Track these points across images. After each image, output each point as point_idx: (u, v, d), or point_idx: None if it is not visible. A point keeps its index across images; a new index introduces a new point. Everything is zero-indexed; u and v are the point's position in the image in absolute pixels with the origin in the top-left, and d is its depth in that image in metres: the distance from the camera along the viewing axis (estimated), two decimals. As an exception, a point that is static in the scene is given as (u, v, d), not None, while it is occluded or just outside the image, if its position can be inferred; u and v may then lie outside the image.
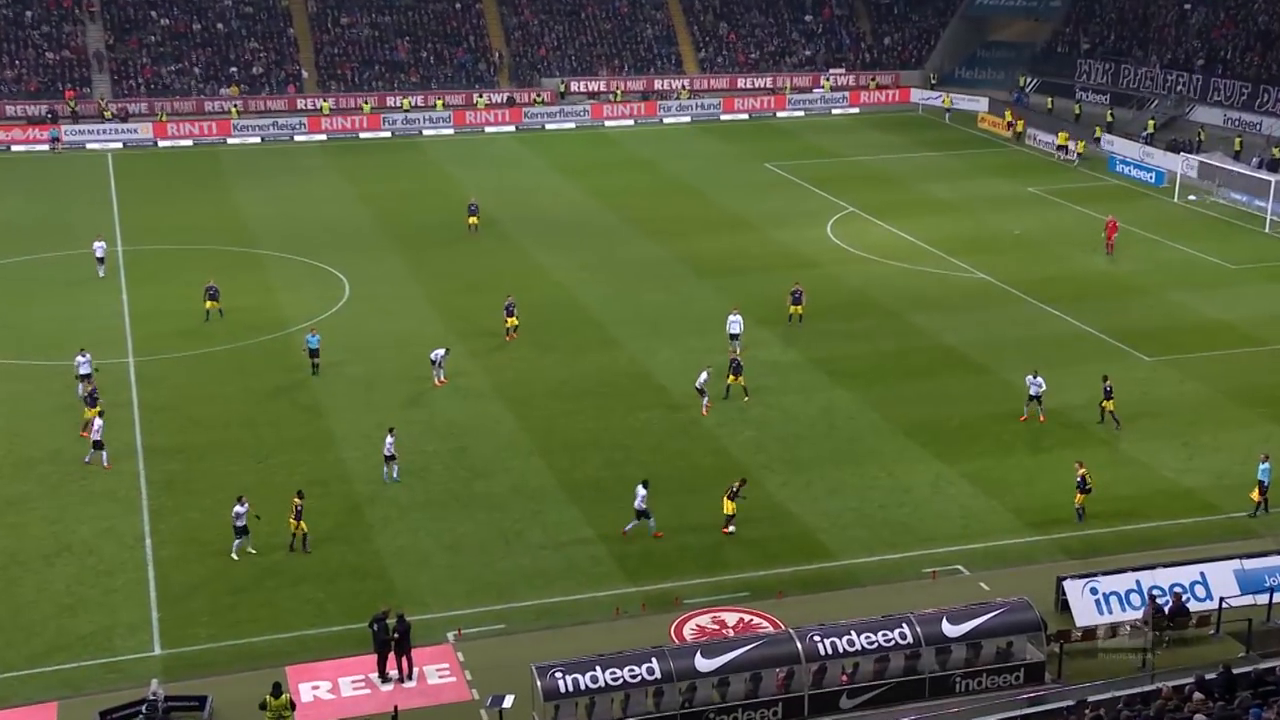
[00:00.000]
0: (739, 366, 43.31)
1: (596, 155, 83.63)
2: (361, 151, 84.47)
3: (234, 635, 30.85)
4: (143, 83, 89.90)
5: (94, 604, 31.88)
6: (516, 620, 31.58)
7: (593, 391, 45.19)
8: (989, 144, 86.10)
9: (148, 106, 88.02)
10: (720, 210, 69.40)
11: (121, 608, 31.78)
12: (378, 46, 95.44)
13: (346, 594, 32.55)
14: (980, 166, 79.41)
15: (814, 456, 40.16)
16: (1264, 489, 36.19)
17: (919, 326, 51.46)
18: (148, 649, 30.22)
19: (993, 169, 78.57)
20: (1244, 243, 63.07)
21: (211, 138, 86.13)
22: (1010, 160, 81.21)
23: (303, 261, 59.96)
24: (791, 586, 33.03)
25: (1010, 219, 67.27)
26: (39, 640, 30.28)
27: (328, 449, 40.38)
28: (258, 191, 73.30)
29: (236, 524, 33.77)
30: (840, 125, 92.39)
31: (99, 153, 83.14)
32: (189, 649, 30.30)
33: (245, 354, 48.47)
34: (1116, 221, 61.87)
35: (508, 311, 50.46)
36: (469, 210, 65.14)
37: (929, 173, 77.69)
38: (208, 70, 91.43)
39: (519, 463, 39.80)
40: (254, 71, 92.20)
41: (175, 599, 32.25)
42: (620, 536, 35.09)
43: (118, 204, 70.51)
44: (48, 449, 40.10)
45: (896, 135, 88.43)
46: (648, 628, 30.76)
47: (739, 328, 48.68)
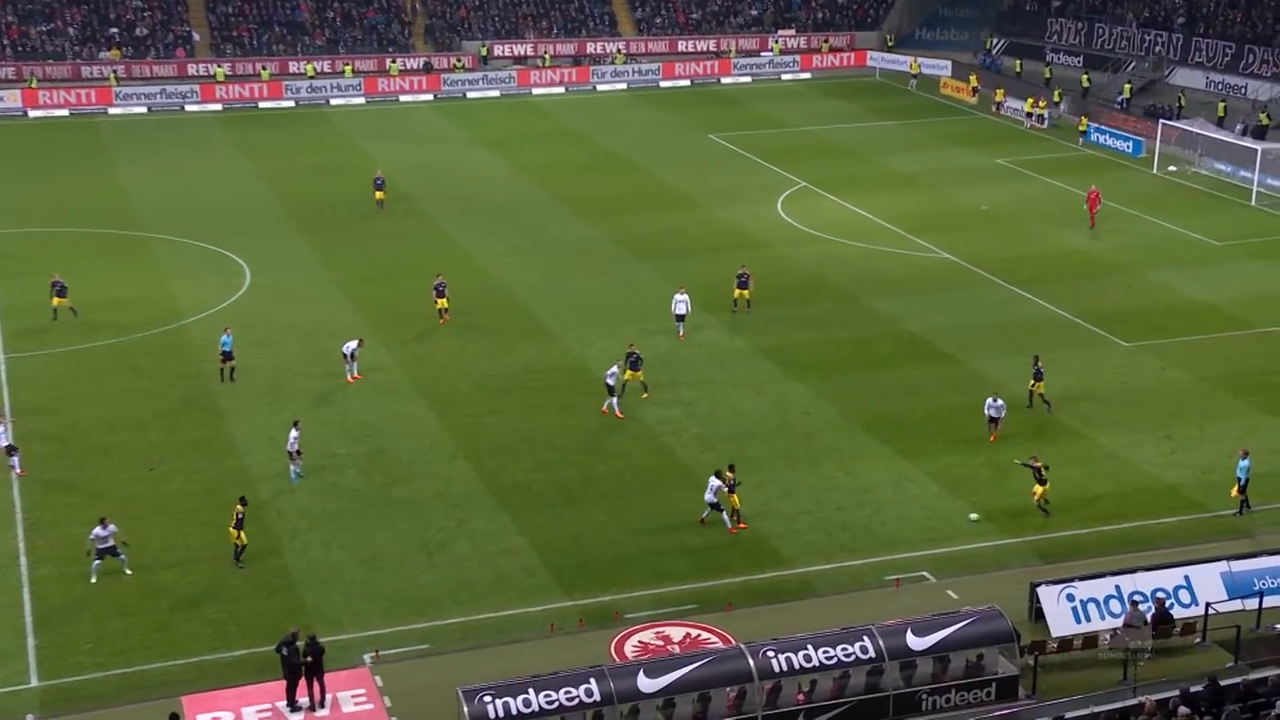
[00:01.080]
0: (638, 360, 43.07)
1: (524, 127, 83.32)
2: (261, 123, 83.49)
3: (123, 663, 30.36)
4: (9, 45, 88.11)
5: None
6: (441, 639, 31.39)
7: (522, 387, 45.05)
8: (953, 111, 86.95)
9: (15, 71, 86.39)
10: (660, 186, 69.42)
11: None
12: (278, 6, 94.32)
13: (250, 614, 32.19)
14: (943, 136, 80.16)
15: (765, 455, 40.32)
16: (1243, 487, 36.74)
17: (879, 312, 51.82)
18: (23, 680, 29.68)
19: (957, 139, 79.34)
20: (1228, 217, 64.23)
21: (90, 107, 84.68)
22: (976, 129, 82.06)
23: (197, 246, 59.16)
24: (742, 598, 33.13)
25: (977, 193, 67.96)
26: (-100, 673, 29.68)
27: (228, 454, 39.90)
28: (144, 168, 72.20)
29: (100, 546, 33.04)
30: (791, 92, 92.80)
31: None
32: (71, 679, 29.79)
33: (133, 349, 47.74)
34: (1099, 192, 62.67)
35: (437, 292, 50.21)
36: (375, 184, 64.72)
37: (888, 143, 78.27)
38: (84, 31, 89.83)
39: (442, 466, 39.58)
40: (138, 33, 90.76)
41: (55, 623, 31.70)
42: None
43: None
44: (-92, 458, 39.26)
45: (852, 103, 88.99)
46: (586, 645, 30.69)
47: (685, 308, 48.90)
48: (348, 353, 44.85)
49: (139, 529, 35.68)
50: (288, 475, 38.23)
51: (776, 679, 28.00)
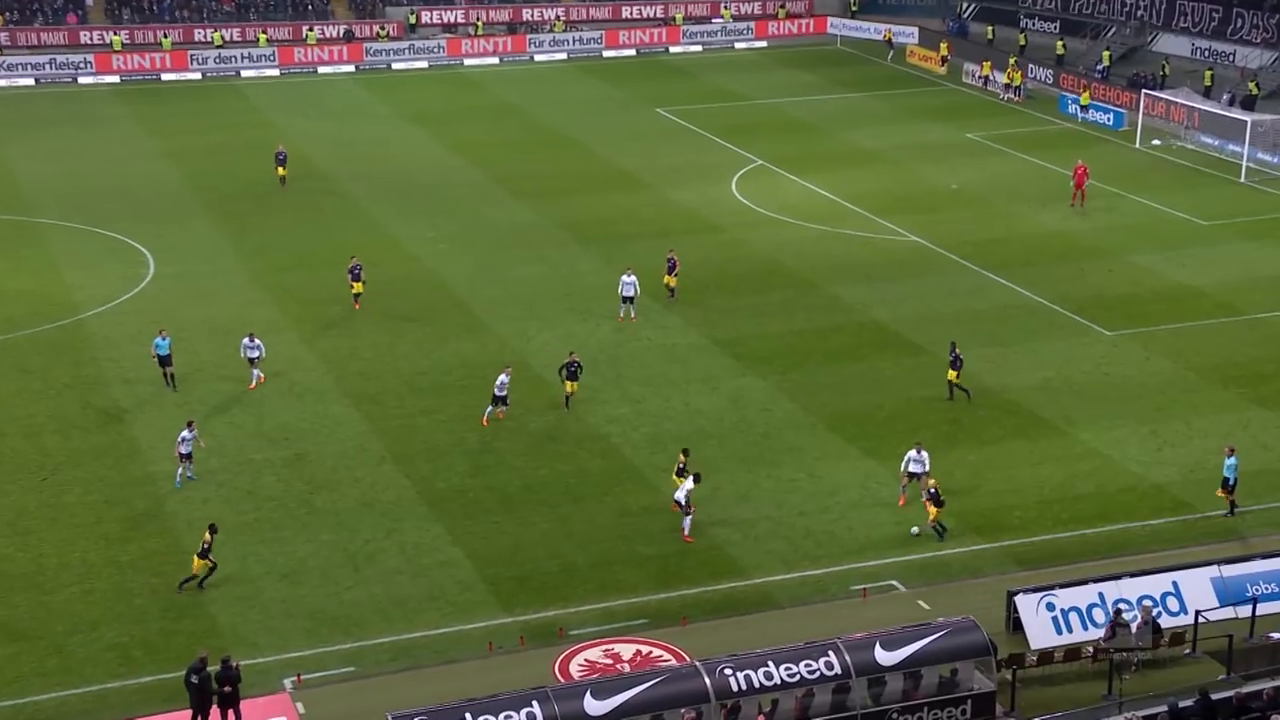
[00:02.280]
0: (577, 370, 42.69)
1: (455, 101, 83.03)
2: (164, 97, 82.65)
3: (13, 693, 29.96)
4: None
5: None
6: (369, 661, 31.27)
7: (456, 385, 44.92)
8: (920, 82, 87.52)
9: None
10: (605, 165, 69.41)
11: None
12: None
13: (157, 636, 31.90)
14: (910, 109, 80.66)
15: (721, 456, 40.42)
16: (1229, 487, 37.15)
17: (842, 300, 52.08)
18: (-94, 714, 29.30)
19: (925, 112, 79.88)
20: (1216, 194, 65.08)
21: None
22: (945, 101, 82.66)
23: (94, 232, 58.49)
24: (697, 611, 33.21)
25: (947, 171, 68.46)
26: None
27: (131, 461, 39.51)
28: (32, 146, 71.28)
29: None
30: (745, 62, 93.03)
31: None
32: (-41, 712, 29.44)
33: (23, 346, 47.14)
34: (1086, 167, 63.21)
35: (353, 275, 50.00)
36: (276, 159, 64.42)
37: (850, 118, 78.65)
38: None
39: (368, 472, 39.41)
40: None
41: (-60, 651, 31.29)
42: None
43: None
44: None
45: (811, 73, 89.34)
46: (527, 665, 30.68)
47: (634, 290, 49.12)
48: (250, 353, 44.01)
49: (31, 545, 35.26)
50: (175, 479, 37.77)
51: (735, 698, 28.05)
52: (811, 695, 28.50)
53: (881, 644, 29.13)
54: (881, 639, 29.27)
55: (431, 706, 27.09)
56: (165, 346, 43.65)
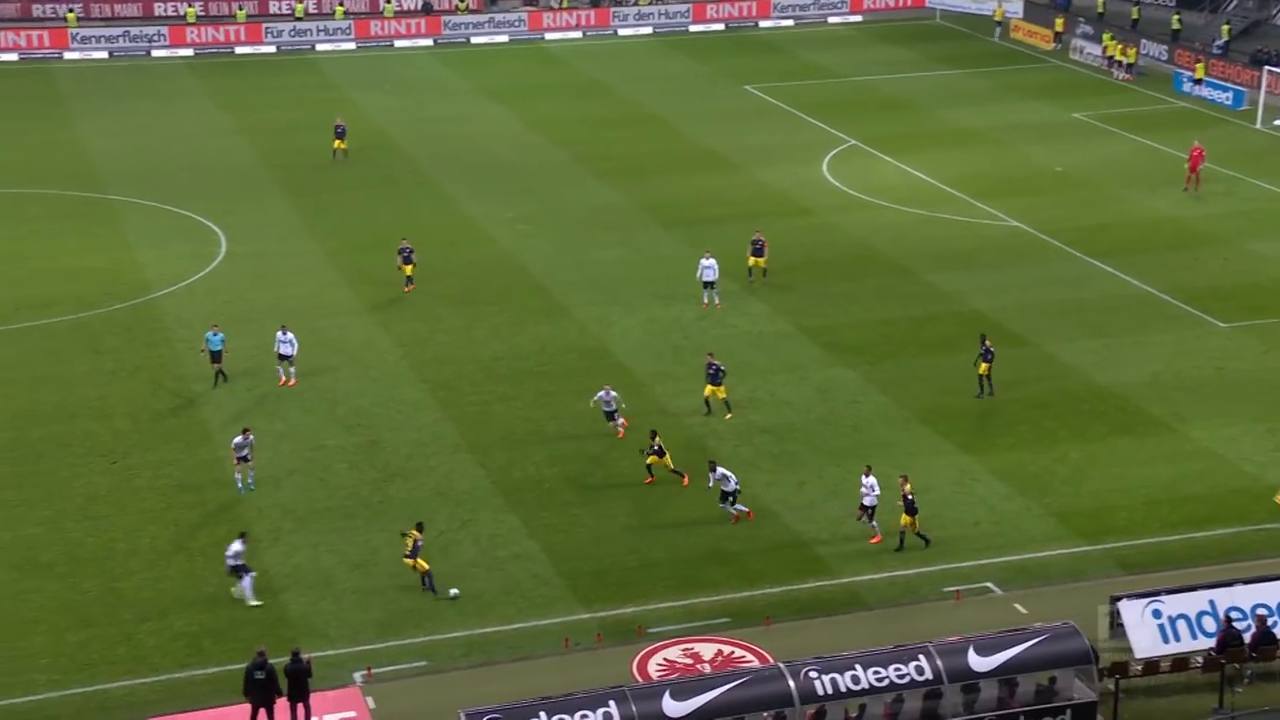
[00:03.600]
0: (718, 373, 42.00)
1: (535, 76, 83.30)
2: (238, 71, 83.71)
3: (83, 680, 30.58)
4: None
5: (-95, 643, 31.63)
6: (442, 655, 31.54)
7: (534, 371, 45.15)
8: (1025, 59, 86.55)
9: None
10: (690, 145, 69.34)
11: (-60, 647, 31.54)
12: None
13: (227, 626, 32.40)
14: (1014, 87, 79.81)
15: (809, 450, 40.33)
16: None
17: (938, 288, 51.72)
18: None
19: (1030, 90, 79.00)
20: (1340, 181, 63.81)
21: (43, 51, 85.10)
22: (1051, 79, 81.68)
23: (165, 209, 59.43)
24: (781, 610, 33.19)
25: (1051, 152, 67.70)
26: None
27: (201, 446, 40.14)
28: (106, 121, 72.51)
29: (232, 562, 32.91)
30: (839, 37, 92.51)
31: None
32: (23, 699, 30.02)
33: (96, 326, 48.03)
34: (1203, 149, 62.18)
35: (403, 258, 50.24)
36: (336, 132, 65.03)
37: (949, 96, 77.98)
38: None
39: (443, 460, 39.74)
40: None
41: (7, 636, 31.96)
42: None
43: (-73, 137, 69.62)
44: None
45: (909, 49, 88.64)
46: (605, 663, 30.79)
47: (714, 274, 49.06)
48: (284, 349, 43.44)
49: (101, 529, 35.95)
50: (238, 485, 38.03)
51: (820, 703, 28.04)
52: (901, 701, 28.41)
53: (976, 649, 28.97)
54: (976, 643, 29.11)
55: (505, 704, 27.32)
56: (217, 342, 43.36)
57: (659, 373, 44.75)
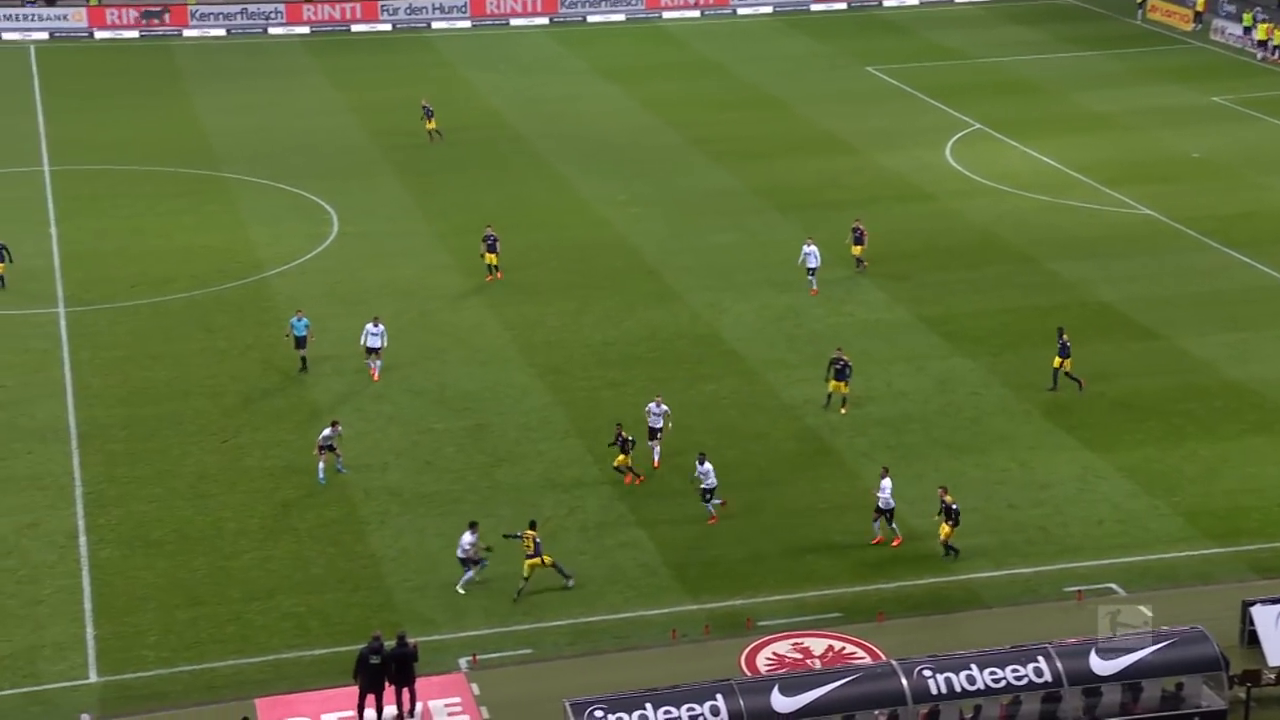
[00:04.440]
0: (845, 369, 41.10)
1: (652, 56, 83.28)
2: (354, 49, 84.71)
3: (191, 659, 31.15)
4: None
5: (13, 618, 32.35)
6: (547, 643, 31.72)
7: (645, 357, 45.18)
8: (1162, 40, 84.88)
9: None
10: (809, 127, 68.95)
11: (49, 622, 32.23)
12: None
13: (333, 608, 32.82)
14: (1149, 69, 78.31)
15: (926, 442, 39.96)
16: None
17: (1063, 277, 50.97)
18: (81, 675, 30.60)
19: (1167, 73, 77.46)
20: None
21: (163, 28, 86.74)
22: (1190, 61, 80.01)
23: (279, 188, 60.31)
24: (895, 606, 32.93)
25: (1188, 138, 66.35)
26: (-52, 661, 30.88)
27: (310, 426, 40.66)
28: (223, 98, 73.72)
29: (462, 554, 33.31)
30: (966, 17, 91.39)
31: (18, 45, 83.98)
32: (133, 675, 30.63)
33: (209, 304, 48.87)
34: None
35: (488, 246, 50.21)
36: (424, 113, 65.67)
37: (1081, 78, 76.72)
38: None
39: (551, 446, 39.92)
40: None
41: (117, 613, 32.64)
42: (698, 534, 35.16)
43: (42, 111, 71.23)
44: (-39, 422, 40.80)
45: (1039, 30, 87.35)
46: (712, 655, 30.75)
47: (816, 260, 48.82)
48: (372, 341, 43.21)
49: (211, 508, 36.59)
50: (375, 451, 38.73)
51: (934, 702, 27.78)
52: (1018, 703, 28.06)
53: (1098, 651, 28.53)
54: (1098, 646, 28.66)
55: (611, 694, 27.37)
56: (302, 327, 43.63)
57: (772, 360, 44.55)
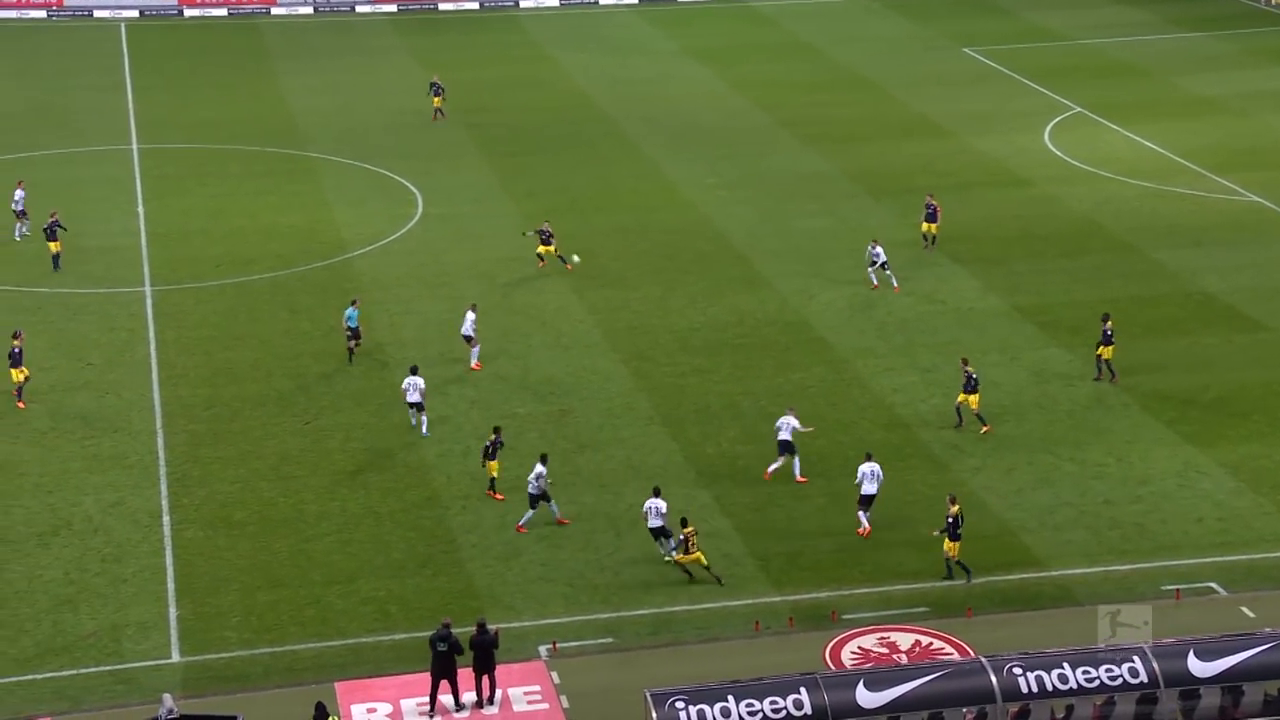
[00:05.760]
0: (971, 380, 40.09)
1: (743, 36, 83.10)
2: (441, 28, 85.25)
3: (272, 641, 31.61)
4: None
5: (98, 596, 32.99)
6: (628, 633, 31.84)
7: (731, 343, 45.16)
8: (1274, 19, 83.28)
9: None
10: (903, 110, 68.51)
11: (132, 602, 32.83)
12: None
13: (413, 593, 33.16)
14: (1262, 51, 77.02)
15: (1019, 435, 39.63)
16: None
17: (1166, 266, 50.31)
18: (164, 655, 31.17)
19: (1277, 54, 76.03)
20: None
21: (251, 6, 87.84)
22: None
23: (364, 168, 60.86)
24: (984, 602, 32.73)
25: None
26: (29, 640, 31.48)
27: (392, 409, 41.04)
28: (309, 77, 74.51)
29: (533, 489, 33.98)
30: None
31: (109, 22, 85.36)
32: (215, 656, 31.15)
33: (293, 285, 49.44)
34: None
35: (543, 239, 49.87)
36: (431, 90, 66.03)
37: (1188, 61, 75.63)
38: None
39: (635, 432, 40.02)
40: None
41: (199, 593, 33.18)
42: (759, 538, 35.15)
43: (132, 90, 72.37)
44: (46, 400, 41.50)
45: (1143, 10, 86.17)
46: (796, 648, 30.77)
47: (883, 259, 48.48)
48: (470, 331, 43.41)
49: (293, 490, 37.06)
50: (457, 435, 39.04)
51: (1024, 701, 27.55)
52: (1112, 704, 27.77)
53: (1196, 653, 28.13)
54: (1197, 647, 28.27)
55: (692, 686, 27.38)
56: (355, 318, 43.69)
57: (862, 349, 44.37)
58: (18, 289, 48.41)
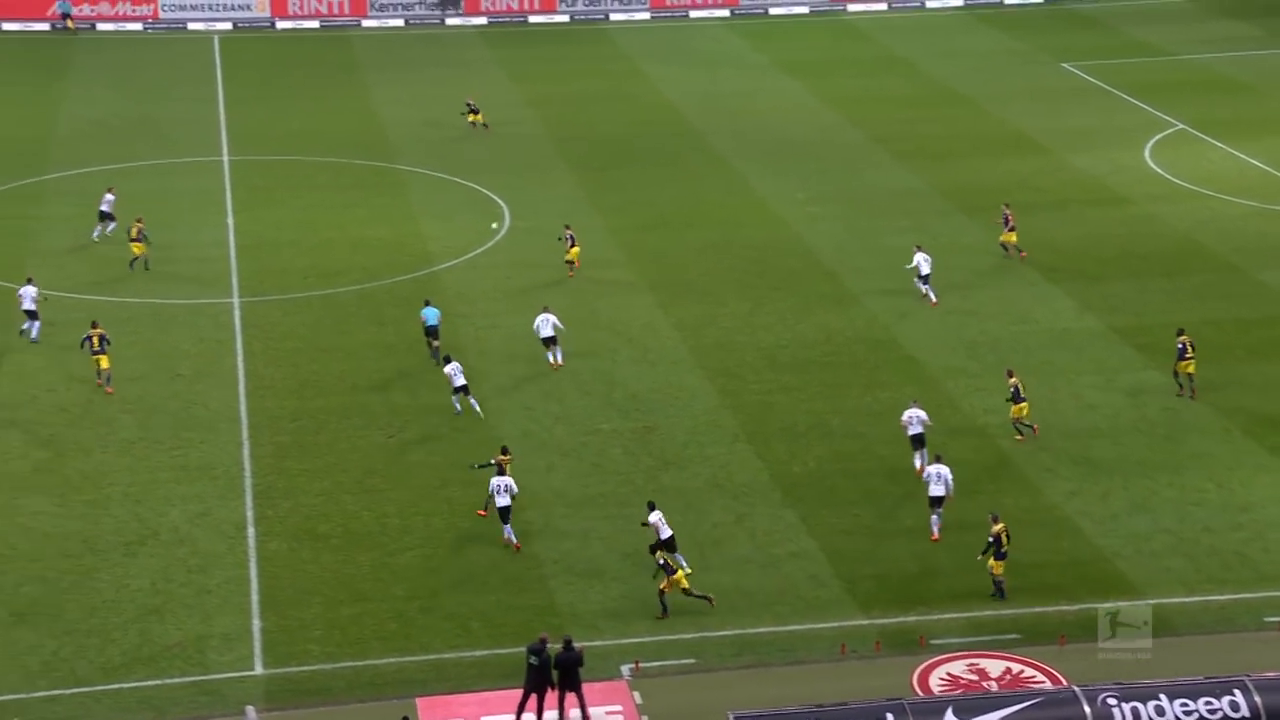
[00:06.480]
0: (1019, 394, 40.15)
1: (835, 50, 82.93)
2: (531, 40, 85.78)
3: (354, 655, 31.86)
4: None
5: (184, 606, 33.44)
6: (711, 654, 31.77)
7: (819, 361, 45.00)
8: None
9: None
10: (999, 126, 68.04)
11: (217, 613, 33.25)
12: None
13: (495, 609, 33.27)
14: (1369, 69, 75.78)
15: (1115, 458, 39.15)
16: None
17: (1271, 288, 49.62)
18: (247, 666, 31.52)
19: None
20: None
21: (342, 18, 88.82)
22: None
23: (452, 181, 61.32)
24: (1078, 630, 32.27)
25: None
26: (116, 649, 31.94)
27: (477, 424, 41.26)
28: (399, 89, 75.23)
29: None
30: (1171, 11, 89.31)
31: (202, 35, 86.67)
32: (297, 669, 31.44)
33: (380, 297, 49.89)
34: None
35: (570, 243, 50.95)
36: (468, 108, 66.60)
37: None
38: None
39: (720, 450, 39.97)
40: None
41: (283, 605, 33.53)
42: (856, 556, 34.97)
43: (224, 101, 73.46)
44: (135, 409, 42.17)
45: (1252, 24, 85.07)
46: (883, 673, 30.58)
47: (928, 267, 48.50)
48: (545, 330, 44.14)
49: (376, 504, 37.36)
50: (541, 451, 39.22)
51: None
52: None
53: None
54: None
55: (777, 709, 27.34)
56: (434, 317, 44.61)
57: (952, 368, 44.07)
58: (111, 299, 49.22)
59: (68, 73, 78.15)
